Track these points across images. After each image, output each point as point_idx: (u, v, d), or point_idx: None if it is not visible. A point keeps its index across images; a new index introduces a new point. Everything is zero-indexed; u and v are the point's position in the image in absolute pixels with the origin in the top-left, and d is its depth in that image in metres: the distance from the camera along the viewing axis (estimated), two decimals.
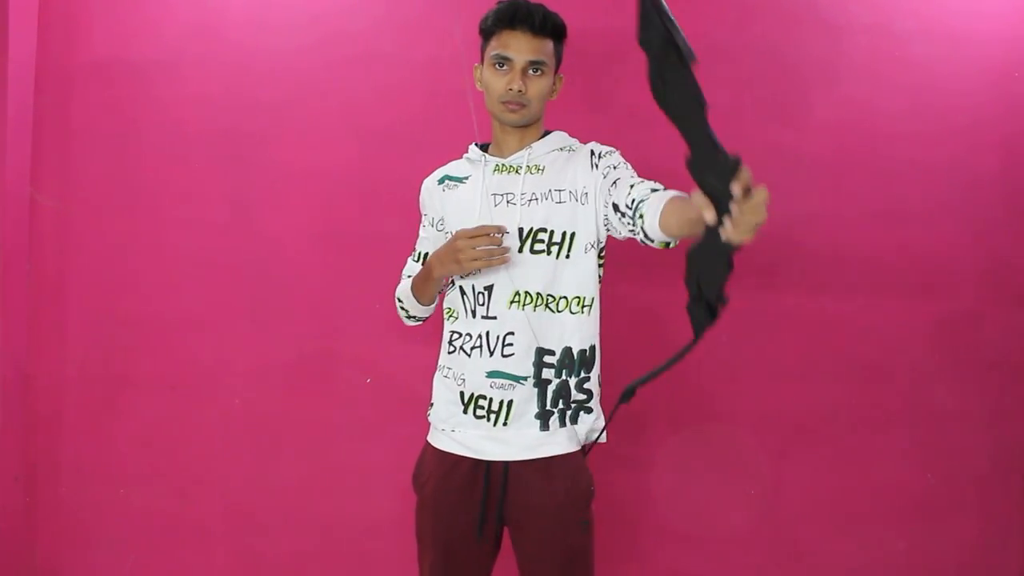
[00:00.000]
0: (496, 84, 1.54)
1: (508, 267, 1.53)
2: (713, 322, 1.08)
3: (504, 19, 1.53)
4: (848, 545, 2.30)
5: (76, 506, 2.33)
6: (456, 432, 1.58)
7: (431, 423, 1.65)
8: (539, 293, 1.53)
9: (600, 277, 1.60)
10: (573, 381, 1.54)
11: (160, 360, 2.30)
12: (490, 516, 1.55)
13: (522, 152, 1.59)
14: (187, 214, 2.29)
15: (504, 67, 1.53)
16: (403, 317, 1.76)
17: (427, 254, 1.70)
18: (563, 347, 1.53)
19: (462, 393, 1.57)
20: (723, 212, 0.97)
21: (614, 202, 1.47)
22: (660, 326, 2.16)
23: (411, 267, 1.74)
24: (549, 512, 1.53)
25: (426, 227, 1.72)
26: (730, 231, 0.97)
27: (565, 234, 1.54)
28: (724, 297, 1.05)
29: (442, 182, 1.68)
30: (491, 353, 1.53)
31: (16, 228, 2.27)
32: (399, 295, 1.73)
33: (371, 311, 2.24)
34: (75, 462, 2.33)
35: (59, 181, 2.32)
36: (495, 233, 1.47)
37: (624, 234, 1.49)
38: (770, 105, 2.25)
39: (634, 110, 2.25)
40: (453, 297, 1.62)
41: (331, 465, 2.29)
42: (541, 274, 1.53)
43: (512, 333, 1.53)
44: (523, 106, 1.54)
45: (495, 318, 1.54)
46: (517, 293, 1.53)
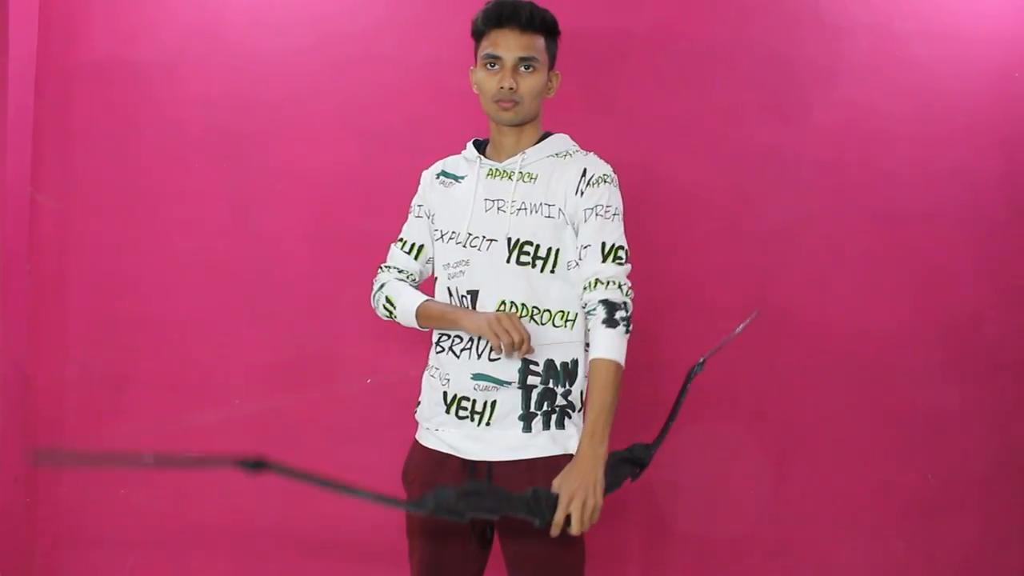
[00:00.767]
0: (488, 84, 1.54)
1: (495, 275, 1.54)
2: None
3: (492, 18, 1.53)
4: (848, 545, 2.30)
5: (76, 506, 2.33)
6: (440, 431, 1.58)
7: (418, 421, 1.66)
8: (524, 304, 1.53)
9: None
10: (560, 390, 1.54)
11: (160, 360, 2.29)
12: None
13: (516, 157, 1.58)
14: (187, 214, 2.29)
15: (495, 66, 1.53)
16: (381, 312, 1.68)
17: (419, 247, 1.67)
18: (546, 359, 1.52)
19: (445, 393, 1.56)
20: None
21: (575, 281, 1.54)
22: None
23: (394, 254, 1.69)
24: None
25: (420, 217, 1.68)
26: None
27: (551, 250, 1.53)
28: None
29: (439, 176, 1.67)
30: (479, 356, 1.53)
31: (16, 228, 2.27)
32: (389, 295, 1.65)
33: (371, 311, 2.23)
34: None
35: (59, 181, 2.32)
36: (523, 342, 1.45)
37: None
38: (770, 105, 2.26)
39: (633, 111, 2.25)
40: (439, 297, 1.62)
41: (331, 465, 2.27)
42: (525, 286, 1.53)
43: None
44: (516, 104, 1.53)
45: None
46: (503, 302, 1.53)
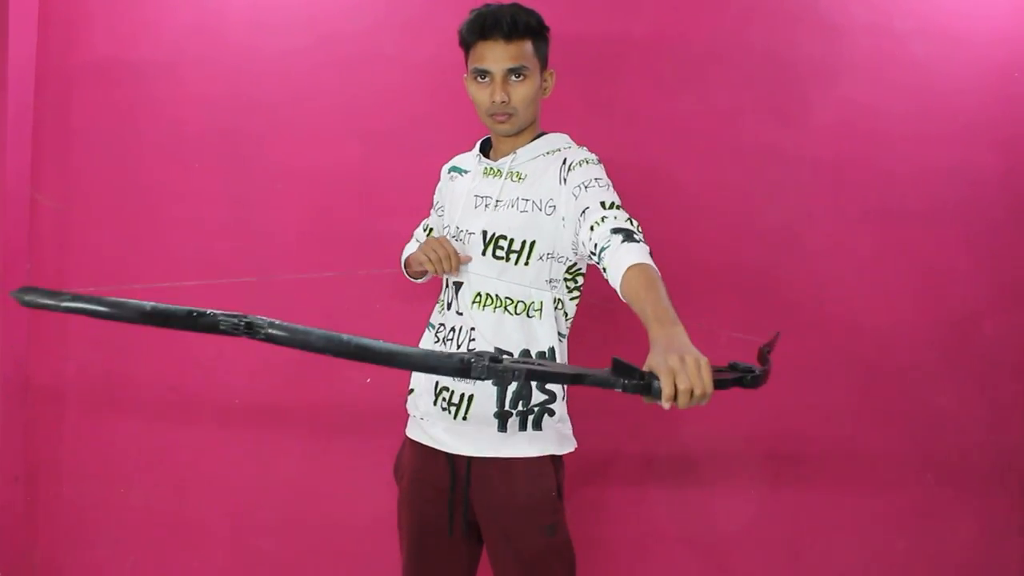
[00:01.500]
0: (480, 97, 1.54)
1: (471, 268, 1.57)
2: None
3: (475, 30, 1.51)
4: (847, 545, 2.30)
5: (76, 506, 2.33)
6: (425, 421, 1.60)
7: (408, 412, 1.66)
8: (497, 295, 1.54)
9: (572, 289, 1.60)
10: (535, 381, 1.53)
11: (160, 360, 2.30)
12: (458, 510, 1.56)
13: (508, 157, 1.60)
14: (186, 214, 2.29)
15: (485, 79, 1.52)
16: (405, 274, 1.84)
17: (430, 228, 1.82)
18: (521, 349, 1.53)
19: (437, 383, 1.58)
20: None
21: (583, 241, 1.44)
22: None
23: (417, 232, 1.86)
24: (510, 512, 1.53)
25: (434, 206, 1.81)
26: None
27: (524, 243, 1.54)
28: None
29: (451, 171, 1.73)
30: (458, 346, 1.55)
31: (16, 228, 2.27)
32: (402, 256, 1.84)
33: (371, 311, 2.24)
34: (75, 462, 2.33)
35: (59, 181, 2.32)
36: (457, 257, 1.55)
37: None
38: (770, 105, 2.25)
39: (633, 112, 2.25)
40: (441, 289, 1.68)
41: (331, 465, 2.29)
42: (498, 279, 1.55)
43: (474, 329, 1.55)
44: (510, 115, 1.54)
45: (462, 314, 1.57)
46: (478, 294, 1.55)
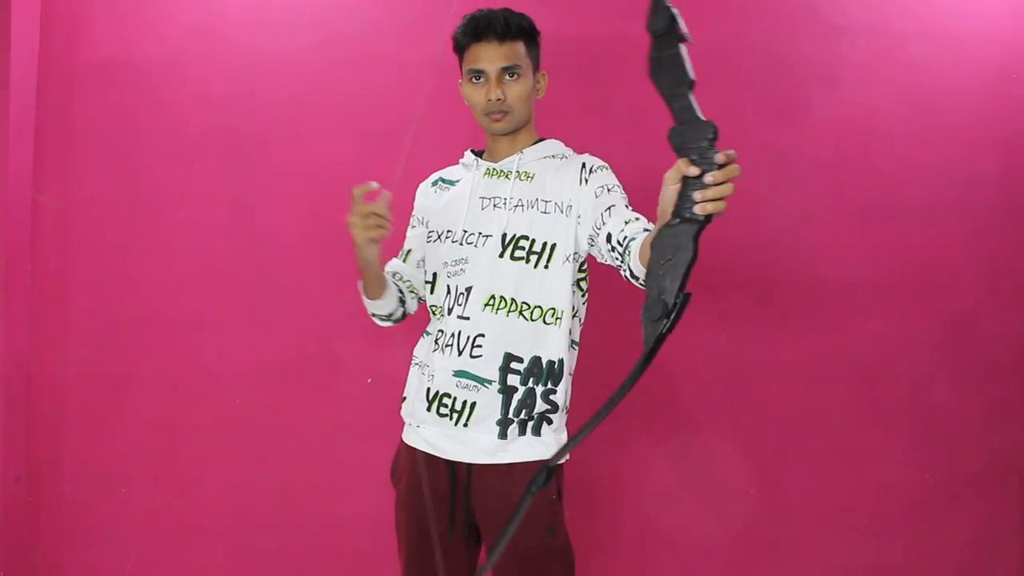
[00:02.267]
0: (476, 97, 1.57)
1: (487, 270, 1.55)
2: (668, 328, 1.02)
3: (469, 32, 1.54)
4: (846, 545, 2.30)
5: (77, 506, 2.34)
6: (421, 428, 1.60)
7: (403, 418, 1.66)
8: (513, 299, 1.54)
9: (584, 291, 1.61)
10: (540, 390, 1.53)
11: (161, 360, 2.30)
12: (458, 514, 1.57)
13: (513, 157, 1.61)
14: (188, 214, 2.30)
15: (480, 79, 1.55)
16: (366, 306, 1.69)
17: (407, 251, 1.73)
18: (532, 356, 1.53)
19: (428, 390, 1.57)
20: (696, 184, 1.03)
21: (609, 232, 1.45)
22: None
23: (391, 263, 1.72)
24: (509, 516, 1.52)
25: (414, 227, 1.74)
26: (704, 199, 1.00)
27: (546, 244, 1.54)
28: (684, 295, 1.01)
29: (435, 184, 1.72)
30: (460, 352, 1.54)
31: (18, 229, 2.28)
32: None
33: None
34: (77, 462, 2.34)
35: (61, 182, 2.33)
36: (363, 193, 1.50)
37: (607, 261, 1.48)
38: (770, 106, 2.26)
39: (632, 113, 2.25)
40: (438, 295, 1.63)
41: (331, 465, 2.29)
42: (515, 280, 1.54)
43: (482, 335, 1.53)
44: (506, 113, 1.56)
45: (468, 319, 1.55)
46: (492, 296, 1.54)
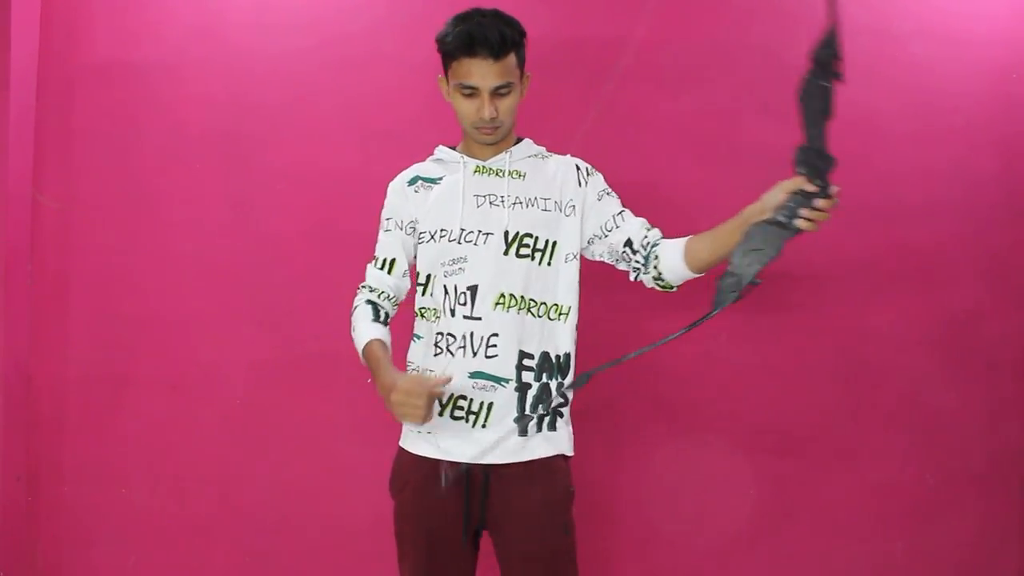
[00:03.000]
0: (466, 110, 1.54)
1: (493, 268, 1.54)
2: (734, 299, 1.23)
3: (463, 47, 1.48)
4: (847, 545, 2.30)
5: (77, 505, 2.34)
6: (432, 433, 1.56)
7: (405, 426, 1.62)
8: (522, 296, 1.54)
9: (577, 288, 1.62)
10: (554, 384, 1.55)
11: (161, 360, 2.30)
12: (474, 518, 1.55)
13: (502, 156, 1.61)
14: (188, 215, 2.30)
15: (471, 94, 1.52)
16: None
17: (391, 260, 1.62)
18: (541, 351, 1.55)
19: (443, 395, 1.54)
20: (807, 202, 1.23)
21: (628, 237, 1.56)
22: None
23: (369, 272, 1.64)
24: (530, 515, 1.53)
25: (391, 231, 1.63)
26: (810, 217, 1.24)
27: (548, 242, 1.56)
28: (758, 279, 1.24)
29: (413, 183, 1.64)
30: (475, 354, 1.53)
31: (18, 229, 2.28)
32: (353, 321, 1.61)
33: None
34: (76, 462, 2.34)
35: (61, 182, 2.33)
36: (437, 389, 1.40)
37: (608, 261, 1.60)
38: (770, 105, 2.25)
39: (633, 112, 2.25)
40: (434, 297, 1.58)
41: (331, 465, 2.29)
42: (523, 278, 1.55)
43: (496, 335, 1.53)
44: (497, 128, 1.55)
45: (480, 319, 1.54)
46: (502, 295, 1.54)
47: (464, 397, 1.54)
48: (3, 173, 2.23)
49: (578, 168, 1.62)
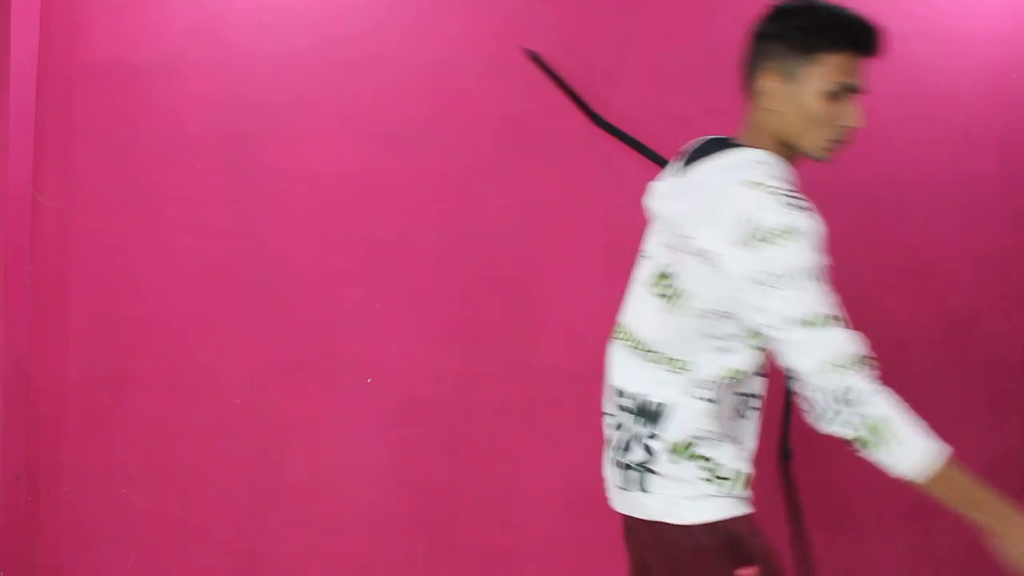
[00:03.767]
0: (831, 115, 1.26)
1: None
2: None
3: (856, 40, 1.26)
4: (847, 545, 2.30)
5: (77, 506, 2.34)
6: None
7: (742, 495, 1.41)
8: None
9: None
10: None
11: (161, 360, 2.30)
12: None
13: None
14: (188, 215, 2.30)
15: (843, 97, 1.26)
16: (846, 431, 1.25)
17: None
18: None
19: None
20: None
21: None
22: None
23: (853, 338, 1.25)
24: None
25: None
26: None
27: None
28: None
29: None
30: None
31: (18, 229, 2.28)
32: (888, 413, 1.20)
33: (371, 311, 2.25)
34: (76, 462, 2.34)
35: (61, 182, 2.32)
36: None
37: None
38: None
39: (633, 112, 2.25)
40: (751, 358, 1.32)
41: (331, 465, 2.29)
42: None
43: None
44: (844, 144, 1.30)
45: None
46: None
47: None
48: (3, 173, 2.23)
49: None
